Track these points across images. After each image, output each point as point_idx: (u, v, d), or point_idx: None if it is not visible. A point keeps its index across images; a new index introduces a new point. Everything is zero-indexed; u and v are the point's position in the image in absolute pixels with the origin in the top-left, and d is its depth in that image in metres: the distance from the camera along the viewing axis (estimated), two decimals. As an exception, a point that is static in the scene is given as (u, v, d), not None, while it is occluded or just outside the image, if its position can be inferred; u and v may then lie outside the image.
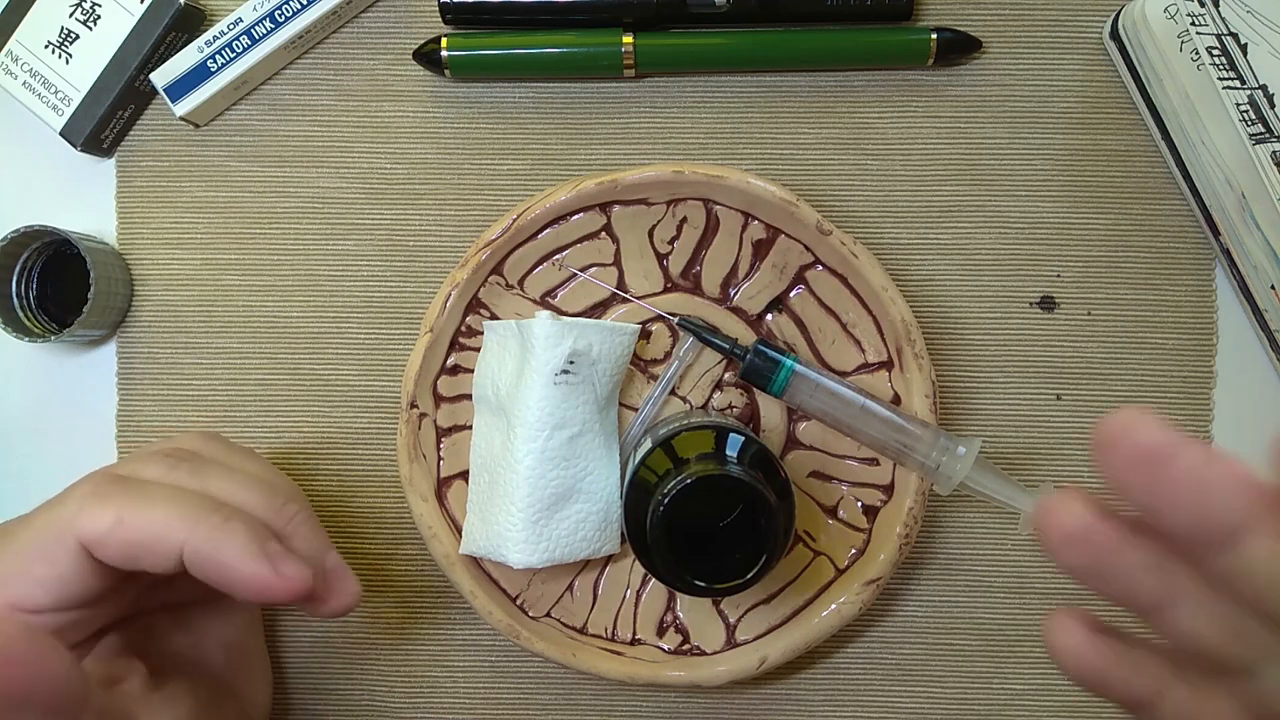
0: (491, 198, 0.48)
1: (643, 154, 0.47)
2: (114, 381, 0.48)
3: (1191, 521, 0.24)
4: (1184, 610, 0.26)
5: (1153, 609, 0.26)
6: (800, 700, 0.47)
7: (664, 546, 0.35)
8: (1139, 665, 0.27)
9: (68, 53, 0.46)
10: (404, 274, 0.48)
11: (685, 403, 0.45)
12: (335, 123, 0.48)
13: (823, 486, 0.45)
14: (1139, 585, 0.26)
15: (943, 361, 0.47)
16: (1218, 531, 0.24)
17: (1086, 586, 0.27)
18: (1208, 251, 0.47)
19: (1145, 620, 0.27)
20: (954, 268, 0.47)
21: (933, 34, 0.45)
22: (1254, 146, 0.41)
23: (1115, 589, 0.26)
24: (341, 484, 0.48)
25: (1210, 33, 0.42)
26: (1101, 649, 0.27)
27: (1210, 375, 0.47)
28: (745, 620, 0.45)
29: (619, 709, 0.48)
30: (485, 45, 0.46)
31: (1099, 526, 0.26)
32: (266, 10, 0.45)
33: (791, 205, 0.42)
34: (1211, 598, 0.26)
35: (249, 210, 0.48)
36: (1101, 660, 0.27)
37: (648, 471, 0.38)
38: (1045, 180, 0.47)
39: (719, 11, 0.46)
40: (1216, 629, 0.26)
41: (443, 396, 0.45)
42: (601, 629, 0.45)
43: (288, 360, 0.48)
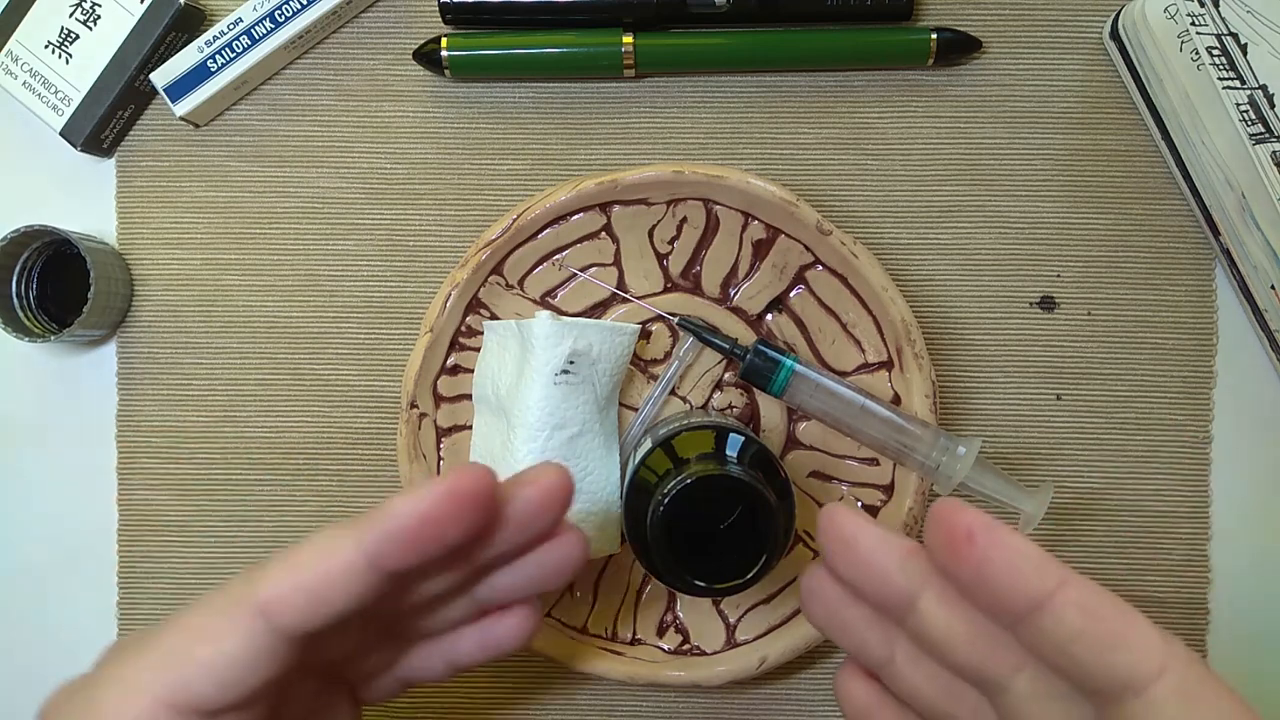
0: (491, 198, 0.48)
1: (643, 154, 0.47)
2: (114, 381, 0.48)
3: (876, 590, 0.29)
4: (905, 667, 0.31)
5: (883, 664, 0.31)
6: (800, 700, 0.47)
7: (664, 546, 0.35)
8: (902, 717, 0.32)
9: (68, 53, 0.46)
10: (404, 274, 0.48)
11: (685, 403, 0.45)
12: (335, 123, 0.48)
13: (823, 486, 0.45)
14: (866, 638, 0.31)
15: (943, 361, 0.47)
16: (898, 597, 0.29)
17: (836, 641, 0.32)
18: (1208, 251, 0.47)
19: (882, 676, 0.32)
20: (954, 268, 0.47)
21: (933, 34, 0.45)
22: (1254, 146, 0.41)
23: (851, 641, 0.32)
24: (341, 484, 0.48)
25: (1210, 33, 0.42)
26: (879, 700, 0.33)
27: (1210, 375, 0.47)
28: (745, 620, 0.45)
29: (619, 709, 0.48)
30: (485, 45, 0.46)
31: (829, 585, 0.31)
32: (266, 10, 0.45)
33: (791, 205, 0.42)
34: (922, 657, 0.31)
35: (249, 210, 0.48)
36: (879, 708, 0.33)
37: (648, 471, 0.38)
38: (1045, 180, 0.47)
39: (719, 11, 0.46)
40: (932, 687, 0.31)
41: (443, 396, 0.45)
42: (601, 629, 0.45)
43: (288, 360, 0.48)
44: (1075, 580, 0.26)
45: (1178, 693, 0.26)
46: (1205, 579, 0.47)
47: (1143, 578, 0.47)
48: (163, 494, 0.48)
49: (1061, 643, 0.26)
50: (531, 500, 0.31)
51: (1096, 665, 0.26)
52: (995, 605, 0.27)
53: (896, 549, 0.29)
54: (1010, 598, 0.27)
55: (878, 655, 0.31)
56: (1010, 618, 0.27)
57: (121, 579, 0.48)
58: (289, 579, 0.28)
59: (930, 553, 0.28)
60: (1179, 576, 0.47)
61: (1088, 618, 0.26)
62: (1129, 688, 0.26)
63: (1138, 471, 0.47)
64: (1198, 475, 0.47)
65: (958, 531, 0.27)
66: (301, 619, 0.28)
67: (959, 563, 0.27)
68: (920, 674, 0.31)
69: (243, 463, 0.48)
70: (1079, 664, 0.26)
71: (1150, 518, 0.47)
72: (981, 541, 0.27)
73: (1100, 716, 0.27)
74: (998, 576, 0.26)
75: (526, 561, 0.33)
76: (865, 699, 0.33)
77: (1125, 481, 0.47)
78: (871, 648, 0.31)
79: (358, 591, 0.28)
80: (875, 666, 0.32)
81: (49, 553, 0.48)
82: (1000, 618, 0.28)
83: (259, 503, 0.48)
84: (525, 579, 0.33)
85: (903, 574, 0.29)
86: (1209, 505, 0.47)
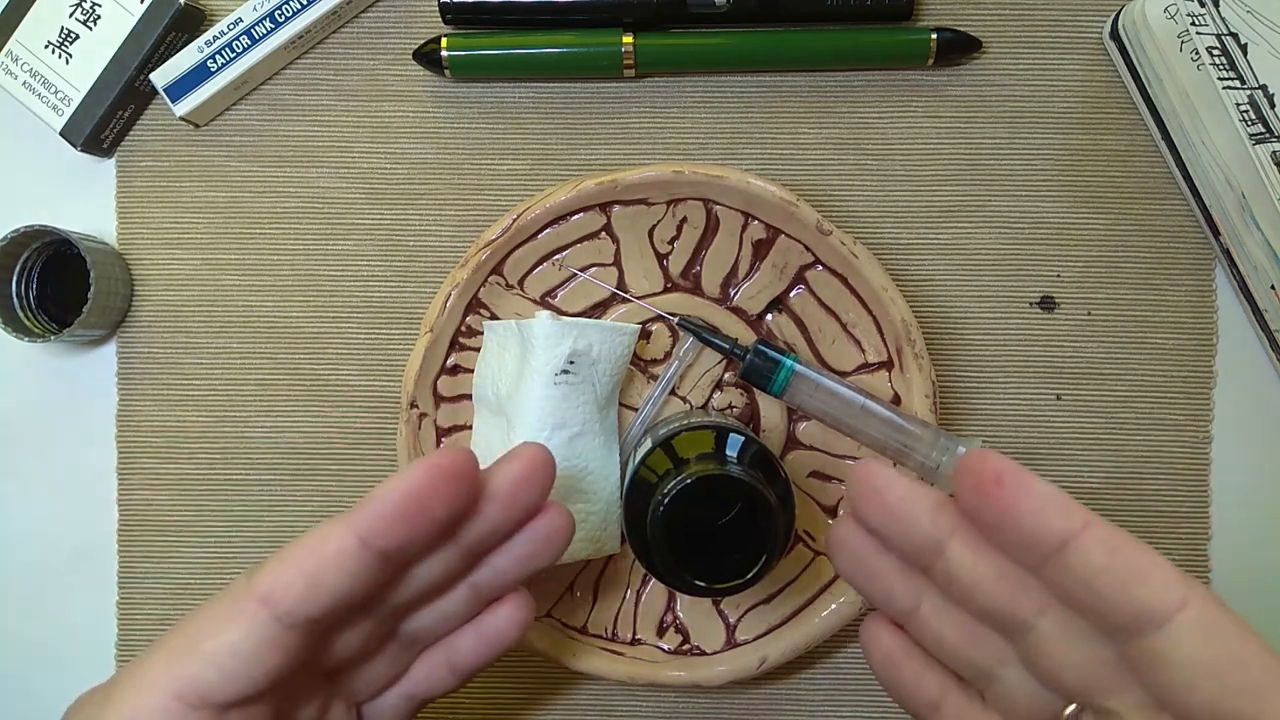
0: (491, 198, 0.48)
1: (643, 154, 0.47)
2: (114, 381, 0.48)
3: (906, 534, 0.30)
4: (931, 615, 0.32)
5: (909, 612, 0.32)
6: (800, 700, 0.47)
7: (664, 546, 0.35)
8: (927, 672, 0.33)
9: (68, 53, 0.46)
10: (404, 274, 0.48)
11: (685, 403, 0.45)
12: (335, 123, 0.48)
13: (823, 486, 0.45)
14: (893, 587, 0.32)
15: (943, 361, 0.47)
16: (927, 544, 0.30)
17: (862, 591, 0.33)
18: (1208, 251, 0.47)
19: (907, 625, 0.33)
20: (954, 268, 0.47)
21: (933, 34, 0.45)
22: (1254, 146, 0.41)
23: (878, 590, 0.33)
24: (341, 484, 0.48)
25: (1210, 33, 0.42)
26: (904, 647, 0.34)
27: (1210, 375, 0.47)
28: (745, 620, 0.45)
29: (619, 709, 0.48)
30: (485, 45, 0.46)
31: (858, 535, 0.32)
32: (266, 10, 0.45)
33: (791, 205, 0.42)
34: (948, 605, 0.32)
35: (249, 210, 0.48)
36: (904, 656, 0.33)
37: (648, 471, 0.38)
38: (1045, 180, 0.47)
39: (719, 11, 0.46)
40: (957, 634, 0.32)
41: (443, 396, 0.45)
42: (601, 629, 0.45)
43: (288, 360, 0.48)
44: (1099, 520, 0.28)
45: (1198, 625, 0.26)
46: (1205, 579, 0.47)
47: (1143, 578, 0.47)
48: (163, 494, 0.48)
49: (1087, 578, 0.27)
50: (514, 474, 0.32)
51: (1121, 599, 0.27)
52: (1023, 545, 0.28)
53: (926, 498, 0.30)
54: (1038, 536, 0.28)
55: (904, 603, 0.32)
56: (1037, 557, 0.28)
57: (121, 579, 0.48)
58: (286, 566, 0.29)
59: (960, 499, 0.29)
60: (1179, 576, 0.47)
61: (1112, 553, 0.27)
62: (1151, 620, 0.27)
63: (1138, 471, 0.47)
64: (1198, 475, 0.47)
65: (987, 475, 0.28)
66: (301, 603, 0.29)
67: (989, 505, 0.28)
68: (946, 621, 0.32)
69: (243, 463, 0.48)
70: (1104, 599, 0.27)
71: (1150, 518, 0.47)
72: (1010, 484, 0.28)
73: (1121, 654, 0.28)
74: (1026, 516, 0.28)
75: (516, 539, 0.34)
76: (891, 647, 0.34)
77: (1125, 481, 0.47)
78: (898, 596, 0.32)
79: (353, 573, 0.29)
80: (901, 615, 0.33)
81: (49, 553, 0.48)
82: (1027, 558, 0.29)
83: (259, 503, 0.48)
84: (517, 557, 0.34)
85: (932, 521, 0.30)
86: (1209, 505, 0.47)
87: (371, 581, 0.30)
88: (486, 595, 0.35)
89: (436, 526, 0.30)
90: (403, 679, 0.36)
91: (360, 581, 0.29)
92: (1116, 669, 0.29)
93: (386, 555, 0.30)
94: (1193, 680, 0.26)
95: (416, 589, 0.33)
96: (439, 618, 0.35)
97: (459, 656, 0.36)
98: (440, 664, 0.36)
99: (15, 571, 0.49)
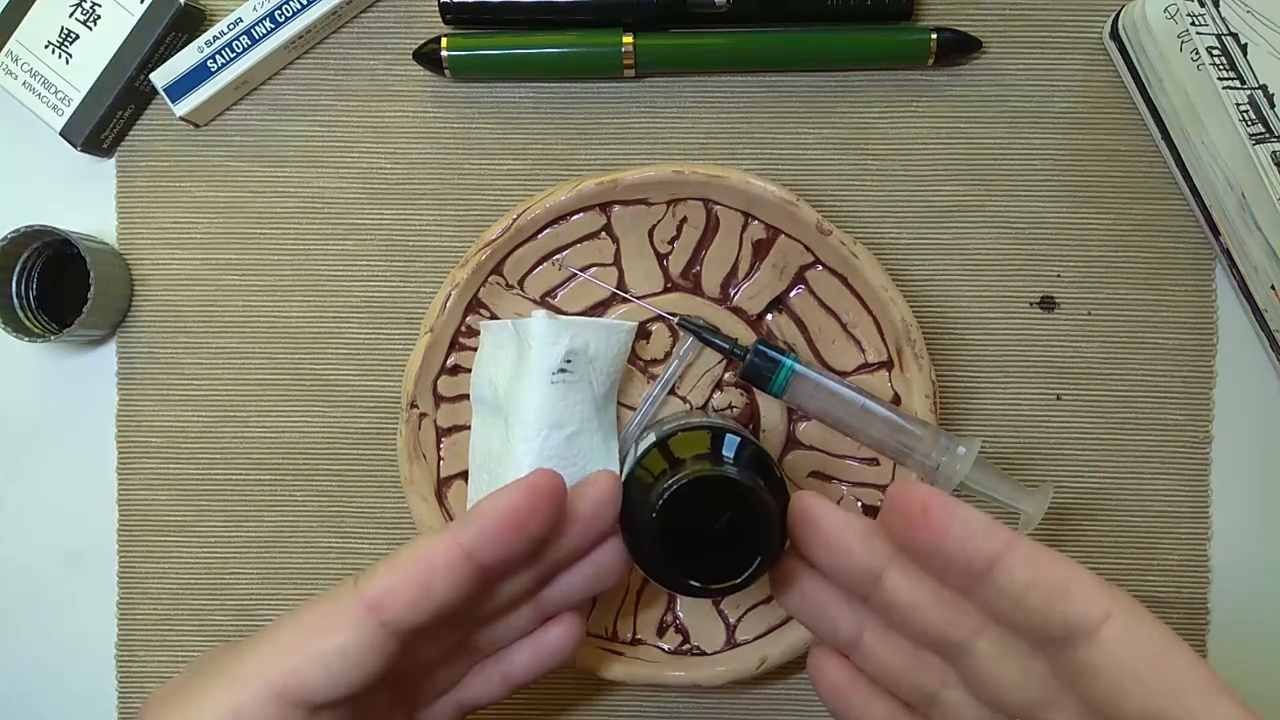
0: (491, 198, 0.48)
1: (643, 154, 0.47)
2: (114, 381, 0.48)
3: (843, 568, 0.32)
4: (874, 644, 0.33)
5: (853, 642, 0.33)
6: (800, 700, 0.47)
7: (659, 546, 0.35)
8: (873, 700, 0.34)
9: (68, 53, 0.46)
10: (404, 274, 0.48)
11: (685, 403, 0.45)
12: (335, 123, 0.48)
13: (823, 486, 0.45)
14: (836, 618, 0.33)
15: (943, 361, 0.47)
16: (864, 573, 0.31)
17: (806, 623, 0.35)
18: (1208, 251, 0.47)
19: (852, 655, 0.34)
20: (954, 268, 0.47)
21: (933, 34, 0.45)
22: (1254, 146, 0.41)
23: (822, 622, 0.34)
24: (341, 484, 0.48)
25: (1210, 33, 0.42)
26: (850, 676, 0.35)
27: (1210, 375, 0.47)
28: (745, 620, 0.45)
29: (619, 709, 0.48)
30: (485, 45, 0.46)
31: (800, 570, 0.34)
32: (266, 10, 0.45)
33: (791, 205, 0.42)
34: (889, 633, 0.33)
35: (249, 210, 0.48)
36: (851, 685, 0.34)
37: (644, 471, 0.38)
38: (1045, 180, 0.47)
39: (719, 11, 0.46)
40: (899, 660, 0.33)
41: (443, 396, 0.45)
42: (601, 629, 0.45)
43: (288, 360, 0.48)
44: (1023, 540, 0.29)
45: (1122, 633, 0.28)
46: (1205, 579, 0.47)
47: (1143, 578, 0.47)
48: (163, 494, 0.48)
49: (1015, 596, 0.28)
50: (594, 499, 0.34)
51: (1048, 614, 0.28)
52: (954, 570, 0.29)
53: (858, 528, 0.32)
54: (966, 560, 0.29)
55: (847, 634, 0.34)
56: (968, 580, 0.29)
57: (121, 579, 0.48)
58: (397, 576, 0.30)
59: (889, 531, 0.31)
60: (1179, 576, 0.47)
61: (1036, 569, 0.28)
62: (1079, 632, 0.28)
63: (1138, 471, 0.47)
64: (1198, 475, 0.47)
65: (913, 506, 0.29)
66: (410, 612, 0.30)
67: (917, 534, 0.29)
68: (888, 648, 0.33)
69: (243, 463, 0.48)
70: (1033, 615, 0.28)
71: (1150, 518, 0.47)
72: (936, 512, 0.29)
73: (1054, 668, 0.29)
74: (953, 542, 0.29)
75: (584, 561, 0.35)
76: (838, 677, 0.35)
77: (1125, 481, 0.47)
78: (841, 627, 0.34)
79: (458, 585, 0.30)
80: (846, 646, 0.34)
81: (49, 553, 0.48)
82: (959, 581, 0.30)
83: (259, 503, 0.48)
84: (582, 579, 0.36)
85: (867, 551, 0.31)
86: (1209, 505, 0.47)
87: (468, 595, 0.31)
88: (548, 612, 0.36)
89: (532, 544, 0.32)
90: (460, 685, 0.37)
91: (463, 594, 0.31)
92: (1052, 683, 0.29)
93: (486, 570, 0.31)
94: (1122, 687, 0.27)
95: (497, 604, 0.35)
96: (505, 631, 0.36)
97: (514, 669, 0.37)
98: (494, 675, 0.37)
99: (15, 571, 0.49)
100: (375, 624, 0.29)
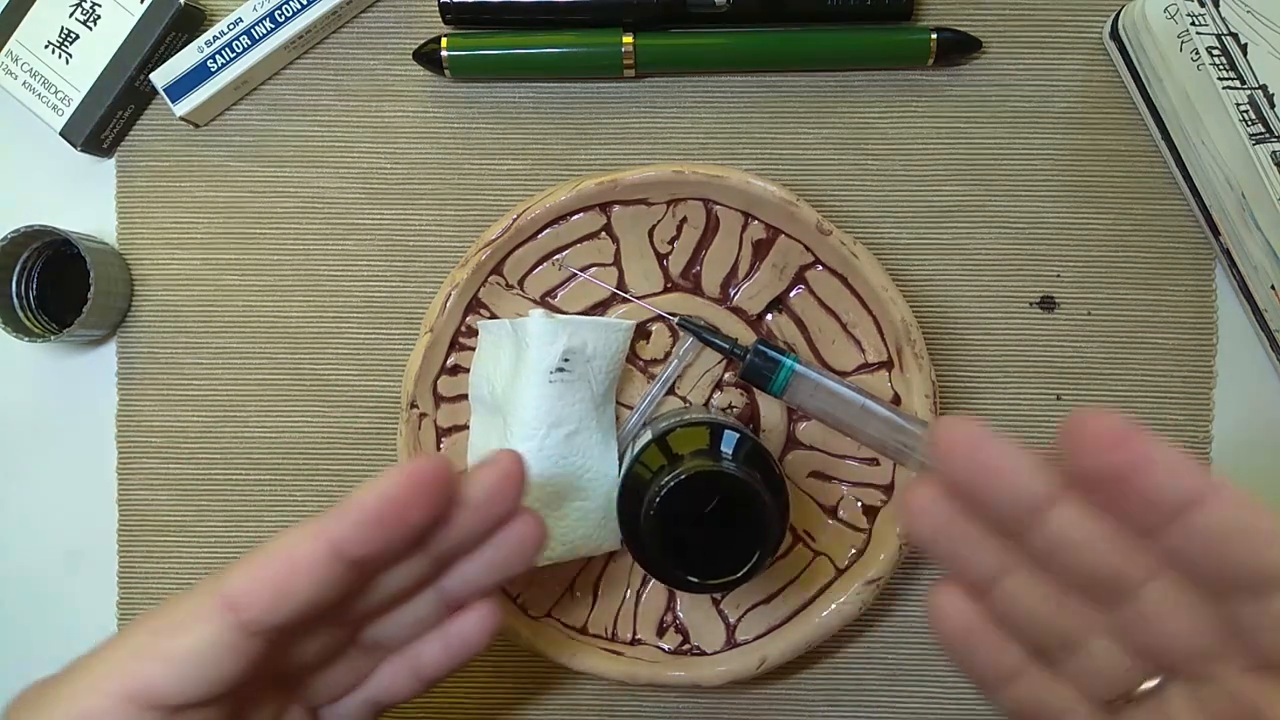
0: (491, 198, 0.48)
1: (643, 154, 0.47)
2: (114, 381, 0.48)
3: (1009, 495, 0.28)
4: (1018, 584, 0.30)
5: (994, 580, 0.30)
6: (800, 700, 0.47)
7: (657, 541, 0.35)
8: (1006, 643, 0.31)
9: (68, 53, 0.46)
10: (404, 274, 0.48)
11: (685, 403, 0.45)
12: (335, 123, 0.48)
13: (823, 486, 0.45)
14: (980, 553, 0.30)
15: (943, 361, 0.47)
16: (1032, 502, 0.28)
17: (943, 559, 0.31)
18: (1208, 251, 0.47)
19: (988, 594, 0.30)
20: (954, 268, 0.47)
21: (933, 34, 0.45)
22: (1254, 146, 0.41)
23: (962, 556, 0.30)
24: (341, 484, 0.48)
25: (1210, 33, 0.42)
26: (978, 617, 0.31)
27: (1210, 375, 0.47)
28: (745, 620, 0.45)
29: (619, 709, 0.48)
30: (485, 45, 0.46)
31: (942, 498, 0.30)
32: (266, 10, 0.45)
33: (791, 205, 0.42)
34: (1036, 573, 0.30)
35: (249, 210, 0.48)
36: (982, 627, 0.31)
37: (642, 468, 0.38)
38: (1045, 180, 0.47)
39: (719, 11, 0.46)
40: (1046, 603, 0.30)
41: (443, 396, 0.45)
42: (601, 629, 0.45)
43: (288, 360, 0.48)
44: (1226, 482, 0.27)
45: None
46: (1205, 579, 0.47)
47: (1143, 578, 0.47)
48: (163, 494, 0.48)
49: (1213, 540, 0.26)
50: (489, 481, 0.31)
51: (1249, 562, 0.26)
52: (1144, 506, 0.27)
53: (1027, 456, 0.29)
54: (1164, 497, 0.27)
55: (989, 571, 0.30)
56: (1158, 518, 0.27)
57: (121, 579, 0.48)
58: (255, 573, 0.28)
59: (1073, 459, 0.28)
60: (1179, 576, 0.47)
61: (1241, 514, 0.26)
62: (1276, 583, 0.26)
63: (1138, 471, 0.47)
64: (1198, 475, 0.47)
65: (1110, 434, 0.27)
66: (267, 611, 0.28)
67: (1113, 463, 0.27)
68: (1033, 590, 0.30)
69: (243, 463, 0.48)
70: (1228, 562, 0.26)
71: (1150, 518, 0.47)
72: (1138, 442, 0.27)
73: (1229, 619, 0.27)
74: (1155, 476, 0.27)
75: (487, 547, 0.33)
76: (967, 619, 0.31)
77: (1125, 481, 0.47)
78: (983, 563, 0.30)
79: (322, 581, 0.28)
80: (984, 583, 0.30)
81: (49, 553, 0.48)
82: (1146, 518, 0.27)
83: (259, 503, 0.48)
84: (488, 565, 0.33)
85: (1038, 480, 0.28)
86: (1209, 505, 0.47)
87: (340, 590, 0.29)
88: (454, 602, 0.34)
89: (412, 535, 0.30)
90: (364, 684, 0.35)
91: (329, 590, 0.29)
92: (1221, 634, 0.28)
93: (358, 564, 0.29)
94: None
95: (383, 596, 0.32)
96: (404, 624, 0.34)
97: (423, 664, 0.35)
98: (404, 671, 0.35)
99: (15, 571, 0.49)
100: (232, 624, 0.28)
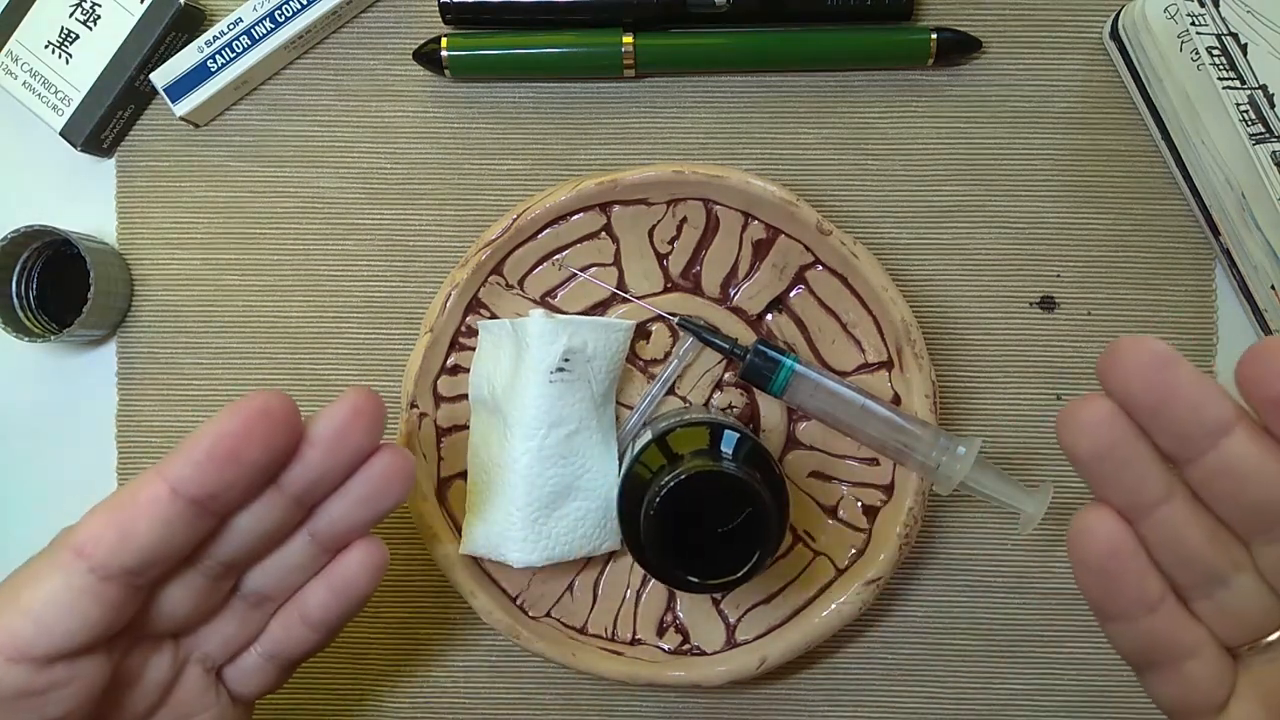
0: (491, 198, 0.48)
1: (643, 154, 0.47)
2: (114, 381, 0.48)
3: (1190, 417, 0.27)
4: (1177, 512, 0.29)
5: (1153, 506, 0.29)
6: (800, 700, 0.47)
7: (657, 541, 0.35)
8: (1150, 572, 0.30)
9: (68, 53, 0.46)
10: (404, 274, 0.48)
11: (685, 403, 0.45)
12: (335, 123, 0.48)
13: (823, 486, 0.45)
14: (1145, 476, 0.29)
15: (943, 361, 0.47)
16: (1214, 426, 0.27)
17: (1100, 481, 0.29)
18: (1208, 251, 0.47)
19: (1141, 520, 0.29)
20: (954, 268, 0.47)
21: (933, 34, 0.45)
22: (1254, 146, 0.41)
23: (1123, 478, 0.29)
24: (341, 484, 0.48)
25: (1210, 33, 0.42)
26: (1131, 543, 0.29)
27: (1210, 375, 0.47)
28: (745, 620, 0.45)
29: (619, 709, 0.48)
30: (485, 45, 0.46)
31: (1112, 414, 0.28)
32: (266, 10, 0.45)
33: (791, 205, 0.42)
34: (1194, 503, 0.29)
35: (249, 210, 0.48)
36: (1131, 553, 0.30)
37: (642, 467, 0.38)
38: (1045, 180, 0.47)
39: (719, 11, 0.46)
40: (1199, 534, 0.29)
41: (443, 396, 0.45)
42: (601, 629, 0.45)
43: (288, 360, 0.48)
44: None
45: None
46: (1205, 579, 0.47)
47: (1143, 578, 0.47)
48: (163, 494, 0.48)
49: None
50: (336, 417, 0.31)
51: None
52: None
53: (1213, 381, 0.27)
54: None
55: (1150, 497, 0.29)
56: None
57: (121, 579, 0.48)
58: (99, 518, 0.29)
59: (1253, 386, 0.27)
60: (1179, 576, 0.47)
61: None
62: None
63: (1138, 471, 0.47)
64: (1198, 475, 0.47)
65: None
66: (113, 555, 0.28)
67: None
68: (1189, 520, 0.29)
69: (243, 463, 0.48)
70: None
71: (1150, 518, 0.47)
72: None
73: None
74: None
75: (351, 484, 0.33)
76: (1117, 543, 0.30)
77: (1125, 481, 0.47)
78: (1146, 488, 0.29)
79: (166, 522, 0.29)
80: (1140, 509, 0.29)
81: (49, 553, 0.48)
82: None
83: (259, 503, 0.48)
84: (355, 501, 0.33)
85: (1224, 405, 0.27)
86: (1209, 505, 0.47)
87: (189, 532, 0.29)
88: (331, 545, 0.34)
89: (252, 472, 0.30)
90: (260, 639, 0.35)
91: (176, 531, 0.29)
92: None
93: (200, 503, 0.29)
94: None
95: (244, 540, 0.32)
96: (282, 571, 0.34)
97: (310, 610, 0.35)
98: (294, 619, 0.35)
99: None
100: (83, 570, 0.28)
